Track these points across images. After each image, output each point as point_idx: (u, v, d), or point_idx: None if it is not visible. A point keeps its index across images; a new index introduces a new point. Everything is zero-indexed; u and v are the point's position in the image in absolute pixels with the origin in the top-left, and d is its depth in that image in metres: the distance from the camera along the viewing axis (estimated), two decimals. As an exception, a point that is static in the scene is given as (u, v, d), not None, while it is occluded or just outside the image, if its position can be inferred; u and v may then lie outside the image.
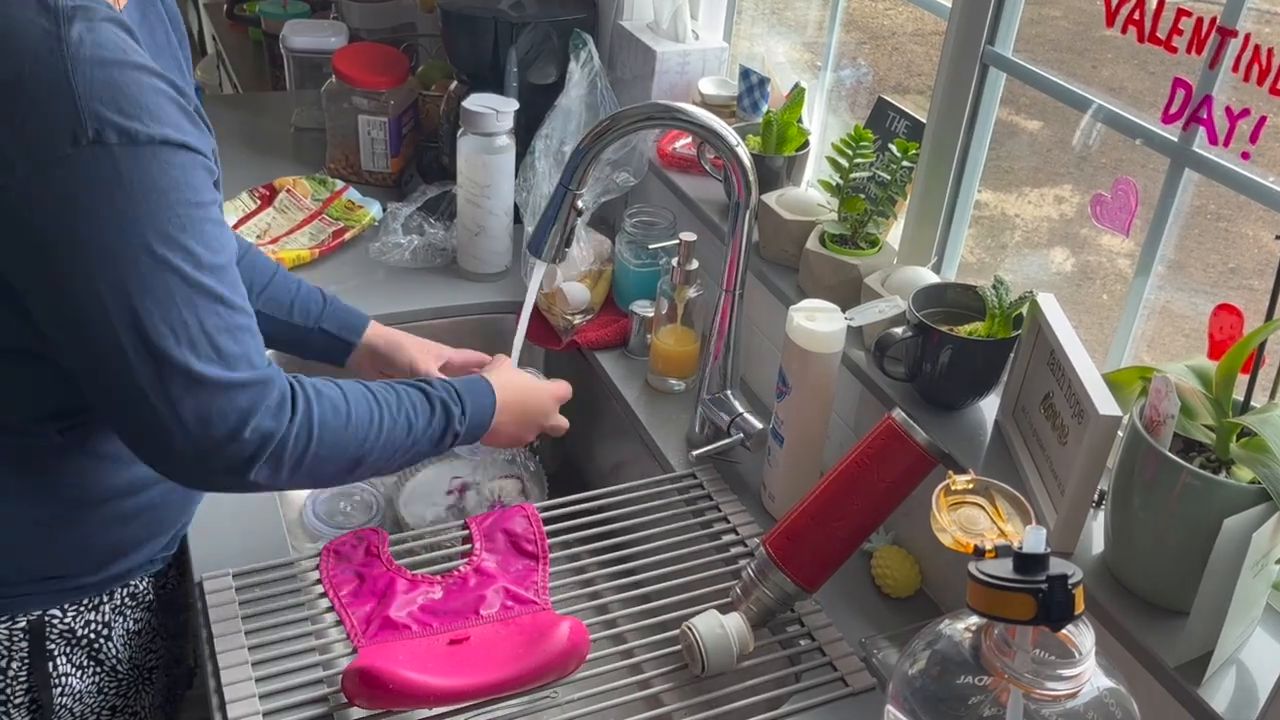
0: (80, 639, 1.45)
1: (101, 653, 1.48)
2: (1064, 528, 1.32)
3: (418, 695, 1.30)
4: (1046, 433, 1.38)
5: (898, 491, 1.39)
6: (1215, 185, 1.34)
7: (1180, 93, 1.30)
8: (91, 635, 1.46)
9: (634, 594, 1.52)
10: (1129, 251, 2.87)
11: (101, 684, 1.50)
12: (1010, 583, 1.01)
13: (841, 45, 2.00)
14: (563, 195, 1.64)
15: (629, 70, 2.28)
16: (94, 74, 1.09)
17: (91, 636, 1.46)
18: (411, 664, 1.33)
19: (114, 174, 1.11)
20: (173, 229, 1.14)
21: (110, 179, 1.11)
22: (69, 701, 1.47)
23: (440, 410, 1.42)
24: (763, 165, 1.88)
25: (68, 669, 1.45)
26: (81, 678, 1.47)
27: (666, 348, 1.87)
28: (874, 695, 1.40)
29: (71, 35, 1.09)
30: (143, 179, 1.12)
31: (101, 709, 1.52)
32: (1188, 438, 1.23)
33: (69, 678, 1.45)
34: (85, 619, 1.44)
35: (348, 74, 2.39)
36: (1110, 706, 1.06)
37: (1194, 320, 2.10)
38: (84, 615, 1.44)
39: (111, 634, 1.48)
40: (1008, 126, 3.27)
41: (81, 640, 1.45)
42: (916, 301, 1.53)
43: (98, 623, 1.46)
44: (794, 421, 1.60)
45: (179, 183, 1.15)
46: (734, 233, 1.66)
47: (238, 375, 1.20)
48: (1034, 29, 1.98)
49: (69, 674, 1.45)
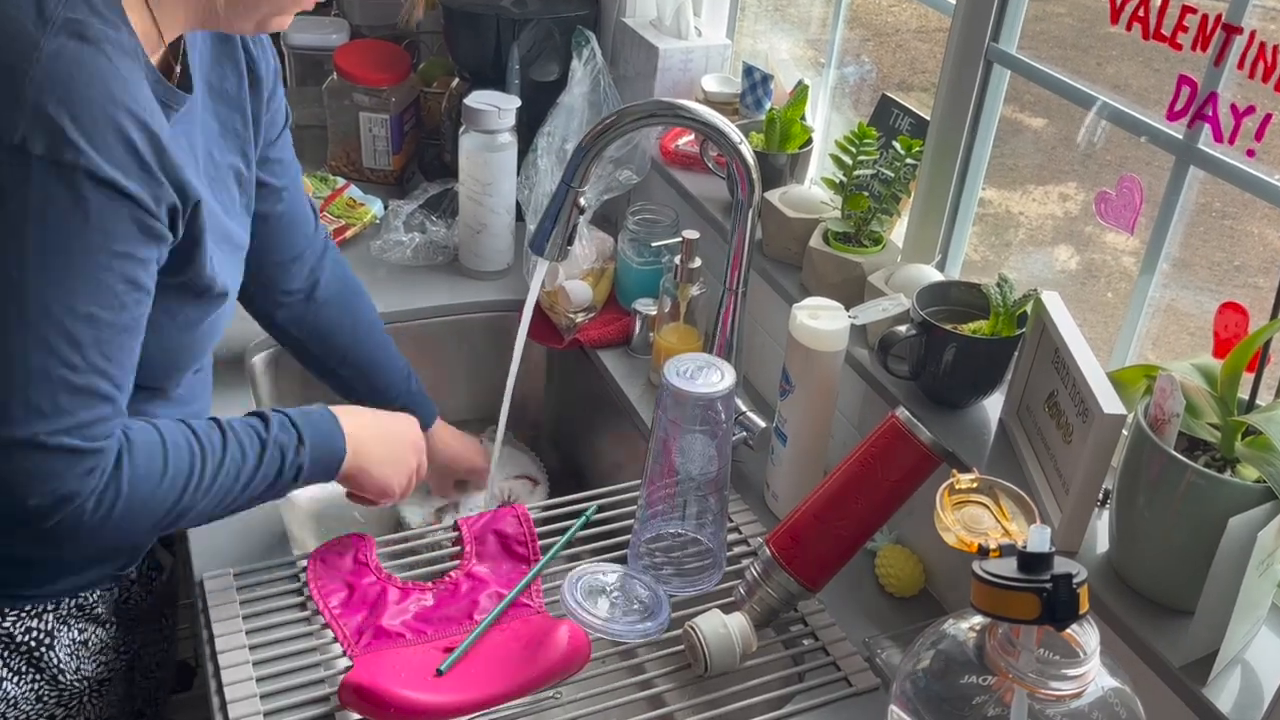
0: (20, 645, 1.41)
1: (43, 660, 1.43)
2: (1068, 527, 1.31)
3: (418, 714, 1.29)
4: (1051, 431, 1.38)
5: (901, 490, 1.38)
6: (1220, 183, 1.34)
7: (1185, 90, 1.30)
8: (33, 643, 1.41)
9: (636, 593, 1.51)
10: (1134, 249, 2.86)
11: (40, 692, 1.45)
12: (1014, 582, 1.01)
13: (845, 42, 2.00)
14: (565, 193, 1.63)
15: (631, 67, 2.27)
16: (52, 87, 1.06)
17: (33, 644, 1.41)
18: (409, 678, 1.32)
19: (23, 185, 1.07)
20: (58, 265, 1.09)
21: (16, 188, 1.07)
22: (2, 707, 1.42)
23: (274, 451, 1.34)
24: (766, 163, 1.88)
25: (3, 673, 1.41)
26: (19, 683, 1.43)
27: (669, 346, 1.86)
28: (878, 695, 1.40)
29: (50, 45, 1.07)
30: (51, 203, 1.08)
31: (39, 716, 1.47)
32: (1193, 436, 1.23)
33: (5, 683, 1.41)
34: (26, 625, 1.40)
35: (349, 71, 2.38)
36: (1115, 706, 1.05)
37: (1199, 318, 2.10)
38: (25, 621, 1.40)
39: (54, 642, 1.44)
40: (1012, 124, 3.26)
41: (21, 646, 1.41)
42: (920, 300, 1.53)
43: (40, 630, 1.41)
44: (797, 420, 1.59)
45: (91, 224, 1.10)
46: (737, 230, 1.66)
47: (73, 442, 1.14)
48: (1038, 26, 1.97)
49: (4, 679, 1.41)
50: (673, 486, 1.48)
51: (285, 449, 1.34)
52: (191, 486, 1.25)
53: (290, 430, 1.36)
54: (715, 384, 1.40)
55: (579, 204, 1.64)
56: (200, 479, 1.26)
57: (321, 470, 1.40)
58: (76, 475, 1.14)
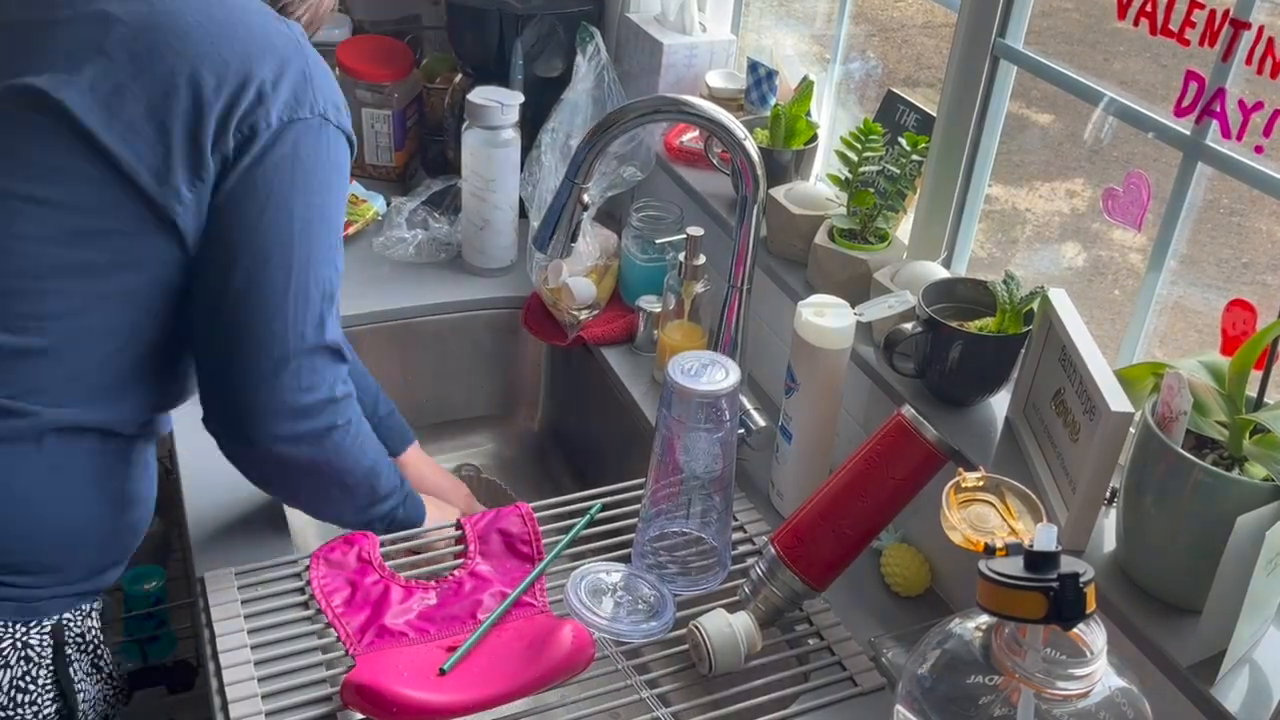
0: (88, 645, 1.43)
1: (101, 660, 1.46)
2: (1075, 525, 1.31)
3: (420, 714, 1.28)
4: (1058, 429, 1.37)
5: (907, 489, 1.38)
6: (1228, 179, 1.33)
7: (1193, 86, 1.30)
8: (95, 641, 1.45)
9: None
10: (1141, 246, 2.86)
11: (104, 692, 1.48)
12: (1021, 581, 1.01)
13: (850, 38, 1.99)
14: (569, 189, 1.63)
15: (635, 63, 2.27)
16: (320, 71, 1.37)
17: (95, 643, 1.45)
18: (412, 677, 1.31)
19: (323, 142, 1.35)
20: (337, 203, 1.39)
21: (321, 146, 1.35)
22: (86, 709, 1.44)
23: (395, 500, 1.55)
24: (771, 159, 1.87)
25: (80, 675, 1.42)
26: (93, 683, 1.45)
27: (673, 343, 1.85)
28: (883, 695, 1.39)
29: (307, 44, 1.38)
30: (337, 156, 1.37)
31: (109, 716, 1.51)
32: (1200, 434, 1.22)
33: (84, 681, 1.43)
34: (88, 625, 1.43)
35: (351, 67, 2.38)
36: (1122, 706, 1.05)
37: (1207, 316, 2.10)
38: (87, 622, 1.43)
39: (105, 641, 1.47)
40: (1019, 120, 3.26)
41: (87, 646, 1.43)
42: (926, 297, 1.52)
43: (96, 629, 1.45)
44: (802, 418, 1.59)
45: (345, 171, 1.40)
46: (741, 227, 1.65)
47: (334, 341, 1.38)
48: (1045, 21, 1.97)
49: (83, 678, 1.43)
50: (677, 485, 1.47)
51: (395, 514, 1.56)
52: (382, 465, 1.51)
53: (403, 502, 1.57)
54: (720, 382, 1.39)
55: (583, 200, 1.64)
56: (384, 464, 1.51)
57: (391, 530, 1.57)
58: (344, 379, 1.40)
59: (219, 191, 1.30)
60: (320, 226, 1.35)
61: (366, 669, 1.31)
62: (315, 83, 1.35)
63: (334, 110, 1.37)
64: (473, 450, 2.24)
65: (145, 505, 1.45)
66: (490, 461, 2.23)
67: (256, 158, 1.30)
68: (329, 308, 1.37)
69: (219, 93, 1.28)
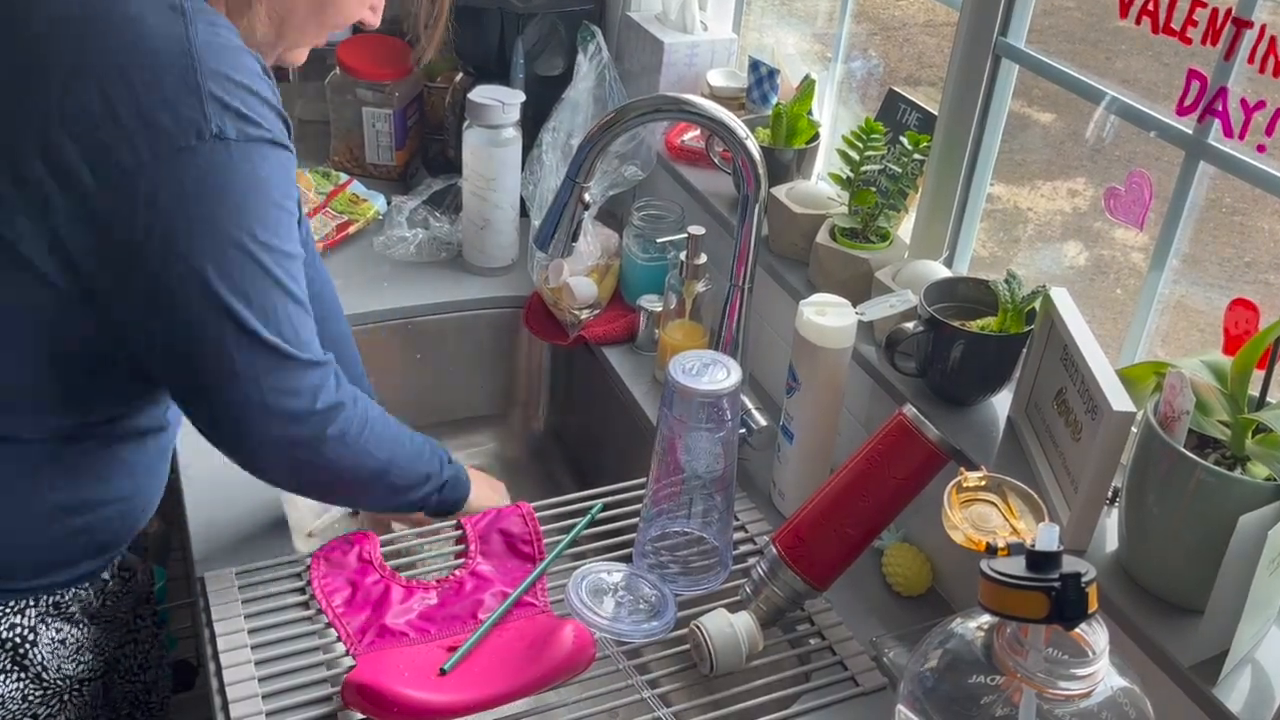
0: (5, 642, 1.40)
1: (27, 658, 1.43)
2: (1077, 525, 1.31)
3: (421, 714, 1.28)
4: (1060, 429, 1.37)
5: (909, 489, 1.38)
6: (1230, 178, 1.33)
7: (1195, 84, 1.29)
8: (17, 639, 1.41)
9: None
10: (1143, 245, 2.86)
11: (25, 691, 1.44)
12: (1023, 581, 1.01)
13: (852, 36, 1.99)
14: (570, 188, 1.62)
15: (637, 62, 2.27)
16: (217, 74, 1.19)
17: (17, 641, 1.41)
18: (413, 677, 1.31)
19: (229, 167, 1.20)
20: (265, 223, 1.24)
21: (226, 171, 1.20)
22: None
23: (436, 476, 1.52)
24: (772, 158, 1.87)
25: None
26: (4, 682, 1.42)
27: (674, 343, 1.85)
28: (885, 695, 1.39)
29: (198, 37, 1.19)
30: (251, 174, 1.22)
31: (24, 716, 1.47)
32: (1203, 434, 1.22)
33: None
34: (11, 622, 1.40)
35: (352, 66, 2.38)
36: (1124, 706, 1.05)
37: (1209, 315, 2.09)
38: (9, 618, 1.40)
39: (38, 639, 1.43)
40: (1020, 119, 3.26)
41: (6, 644, 1.40)
42: (928, 296, 1.52)
43: (24, 627, 1.41)
44: (804, 418, 1.59)
45: (275, 180, 1.25)
46: (743, 226, 1.65)
47: (308, 355, 1.30)
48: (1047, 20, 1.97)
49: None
50: (678, 484, 1.47)
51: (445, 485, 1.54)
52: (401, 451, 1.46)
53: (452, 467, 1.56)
54: (721, 381, 1.39)
55: (584, 200, 1.64)
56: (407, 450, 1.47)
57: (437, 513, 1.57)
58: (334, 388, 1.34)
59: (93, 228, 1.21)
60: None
61: (367, 669, 1.31)
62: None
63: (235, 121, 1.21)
64: (474, 450, 2.23)
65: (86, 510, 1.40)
66: (491, 461, 2.23)
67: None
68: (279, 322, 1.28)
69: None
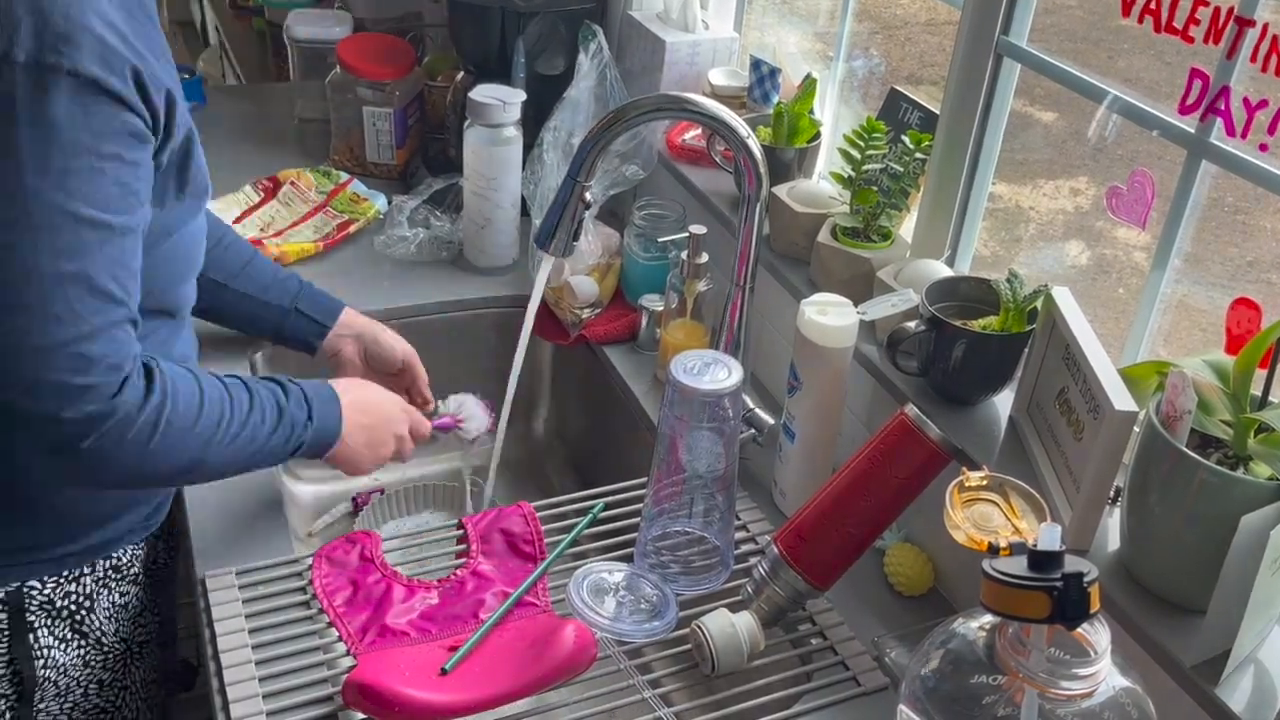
0: (61, 611, 1.44)
1: (85, 625, 1.47)
2: (1079, 525, 1.30)
3: (422, 714, 1.28)
4: (1062, 429, 1.37)
5: (910, 488, 1.37)
6: (1233, 177, 1.33)
7: (1197, 83, 1.29)
8: (73, 607, 1.45)
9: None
10: (1145, 245, 2.86)
11: (87, 657, 1.49)
12: (1025, 581, 1.01)
13: (854, 35, 1.98)
14: (571, 188, 1.62)
15: (638, 61, 2.26)
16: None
17: (73, 608, 1.45)
18: (414, 676, 1.31)
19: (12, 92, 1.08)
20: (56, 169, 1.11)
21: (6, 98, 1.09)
22: (53, 674, 1.47)
23: (287, 423, 1.39)
24: (773, 157, 1.86)
25: (50, 641, 1.45)
26: (65, 650, 1.46)
27: (676, 342, 1.85)
28: (886, 695, 1.39)
29: None
30: (42, 106, 1.09)
31: (89, 682, 1.52)
32: (1205, 434, 1.22)
33: (52, 650, 1.45)
34: (65, 590, 1.43)
35: (353, 65, 2.37)
36: (1126, 706, 1.05)
37: (1211, 314, 2.09)
38: (64, 587, 1.43)
39: (95, 606, 1.47)
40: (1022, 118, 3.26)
41: (62, 612, 1.44)
42: (929, 295, 1.52)
43: (79, 594, 1.45)
44: (805, 417, 1.58)
45: (80, 125, 1.12)
46: (744, 226, 1.65)
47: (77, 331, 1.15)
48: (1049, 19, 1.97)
49: (51, 646, 1.45)
50: (680, 484, 1.47)
51: (295, 424, 1.40)
52: (218, 437, 1.30)
53: (303, 407, 1.41)
54: (722, 381, 1.39)
55: (585, 199, 1.63)
56: (227, 431, 1.31)
57: (313, 450, 1.45)
58: (106, 391, 1.17)
59: None
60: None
61: (368, 668, 1.31)
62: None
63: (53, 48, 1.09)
64: (474, 449, 2.23)
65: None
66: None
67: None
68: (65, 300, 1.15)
69: None
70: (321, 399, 1.44)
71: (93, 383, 1.17)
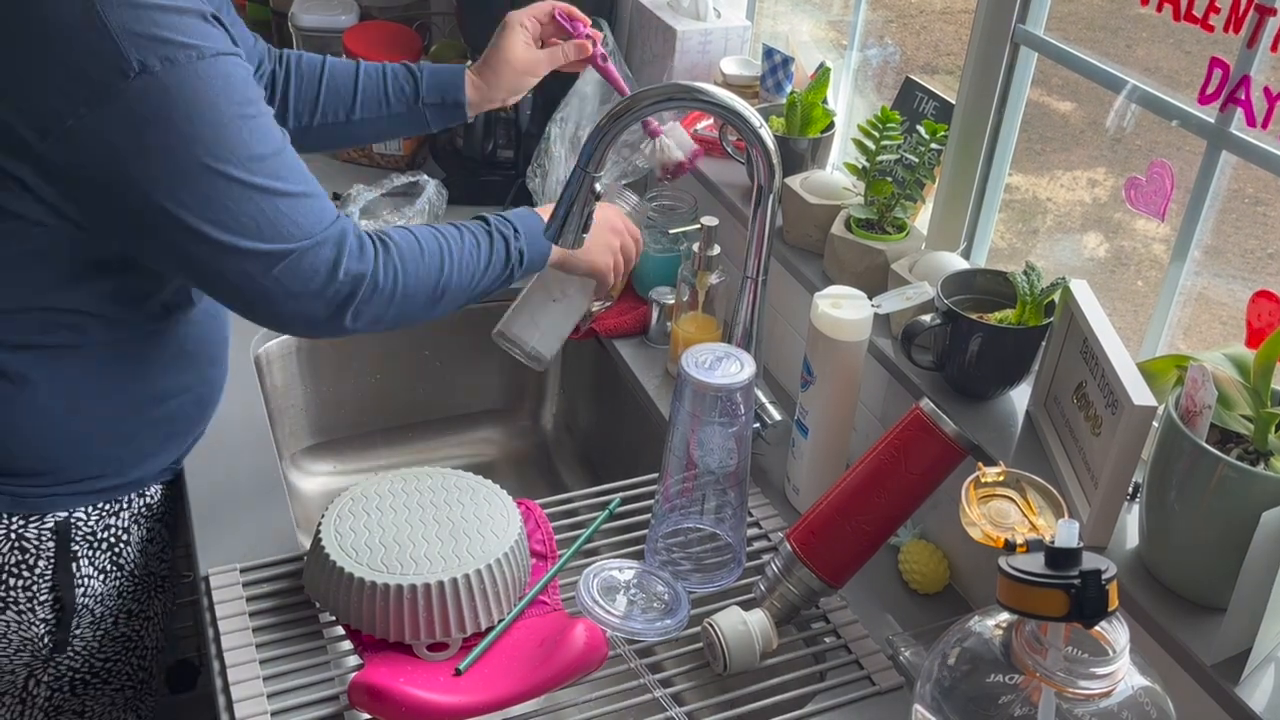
0: (101, 543, 1.51)
1: (121, 557, 1.55)
2: (1097, 521, 1.30)
3: (431, 715, 1.27)
4: (1079, 423, 1.36)
5: (926, 484, 1.37)
6: (1253, 168, 1.32)
7: (1217, 73, 1.29)
8: (112, 539, 1.52)
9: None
10: (1164, 236, 2.84)
11: (121, 587, 1.57)
12: (1042, 578, 1.00)
13: (868, 24, 1.98)
14: (580, 179, 1.60)
15: (648, 50, 2.25)
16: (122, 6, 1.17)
17: (112, 540, 1.53)
18: (422, 677, 1.30)
19: (165, 99, 1.20)
20: (225, 138, 1.24)
21: (163, 104, 1.20)
22: (90, 602, 1.54)
23: (498, 235, 1.54)
24: (786, 148, 1.85)
25: (90, 571, 1.52)
26: (104, 580, 1.54)
27: (687, 335, 1.84)
28: (901, 694, 1.38)
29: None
30: (193, 97, 1.21)
31: (119, 612, 1.59)
32: (1225, 428, 1.21)
33: (91, 579, 1.53)
34: (106, 523, 1.51)
35: (359, 53, 2.36)
36: (1145, 706, 1.04)
37: (1231, 307, 2.07)
38: (105, 519, 1.51)
39: (130, 539, 1.55)
40: (1039, 107, 3.24)
41: (103, 544, 1.51)
42: (945, 288, 1.51)
43: (118, 528, 1.53)
44: (819, 412, 1.57)
45: (224, 91, 1.24)
46: (757, 217, 1.64)
47: (309, 241, 1.32)
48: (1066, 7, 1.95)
49: (91, 576, 1.53)
50: (691, 480, 1.46)
51: (507, 237, 1.55)
52: (448, 263, 1.47)
53: (507, 223, 1.57)
54: (735, 375, 1.38)
55: (595, 190, 1.62)
56: (451, 257, 1.48)
57: (538, 255, 1.60)
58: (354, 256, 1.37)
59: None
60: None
61: (375, 669, 1.30)
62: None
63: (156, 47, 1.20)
64: (482, 444, 2.22)
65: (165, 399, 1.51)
66: (500, 456, 2.22)
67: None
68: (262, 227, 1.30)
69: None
70: (521, 214, 1.60)
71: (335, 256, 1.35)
